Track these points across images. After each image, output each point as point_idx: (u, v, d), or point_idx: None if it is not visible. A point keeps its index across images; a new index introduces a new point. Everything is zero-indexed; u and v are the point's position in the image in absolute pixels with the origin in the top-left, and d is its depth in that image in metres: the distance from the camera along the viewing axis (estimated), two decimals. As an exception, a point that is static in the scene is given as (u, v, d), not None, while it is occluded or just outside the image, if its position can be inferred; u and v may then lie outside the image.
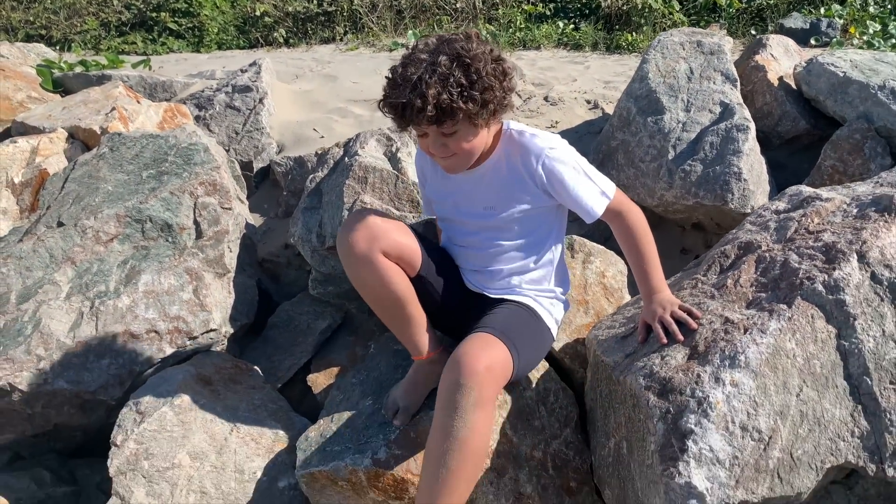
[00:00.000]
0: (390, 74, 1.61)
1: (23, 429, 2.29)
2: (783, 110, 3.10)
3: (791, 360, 1.58)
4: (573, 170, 1.74)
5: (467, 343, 1.63)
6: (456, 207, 1.87)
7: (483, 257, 1.87)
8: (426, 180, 1.98)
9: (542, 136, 1.77)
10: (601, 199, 1.76)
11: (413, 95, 1.53)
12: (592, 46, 5.62)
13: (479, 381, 1.53)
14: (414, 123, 1.59)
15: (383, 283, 1.72)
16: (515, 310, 1.84)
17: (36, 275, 2.29)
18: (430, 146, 1.67)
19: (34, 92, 3.76)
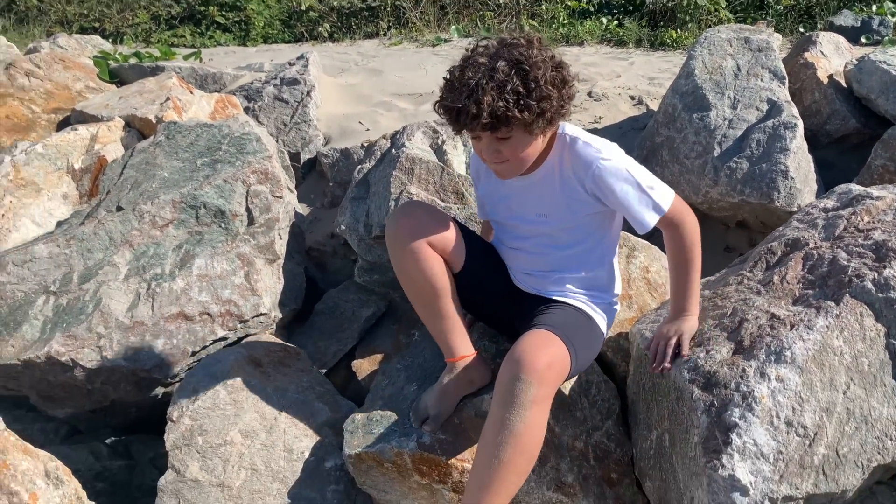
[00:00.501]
0: (448, 76, 1.61)
1: (82, 403, 2.40)
2: (832, 108, 3.07)
3: (838, 357, 1.58)
4: (625, 182, 1.67)
5: (528, 339, 1.64)
6: (509, 211, 1.87)
7: (534, 261, 1.89)
8: (480, 181, 1.98)
9: (596, 145, 1.70)
10: (653, 214, 1.68)
11: (469, 101, 1.52)
12: (636, 43, 5.59)
13: (539, 378, 1.55)
14: (468, 128, 1.59)
15: (424, 272, 1.77)
16: (571, 311, 1.84)
17: (96, 256, 2.39)
18: (483, 151, 1.67)
19: (92, 82, 3.89)
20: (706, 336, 1.76)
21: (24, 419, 2.51)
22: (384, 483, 1.90)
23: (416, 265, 1.76)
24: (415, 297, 1.85)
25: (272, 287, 2.48)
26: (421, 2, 6.86)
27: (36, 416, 2.53)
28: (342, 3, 7.15)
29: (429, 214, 1.80)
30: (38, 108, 3.55)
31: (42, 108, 3.55)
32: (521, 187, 1.80)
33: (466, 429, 1.86)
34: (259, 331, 2.46)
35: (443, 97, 1.61)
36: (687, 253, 1.74)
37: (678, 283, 1.79)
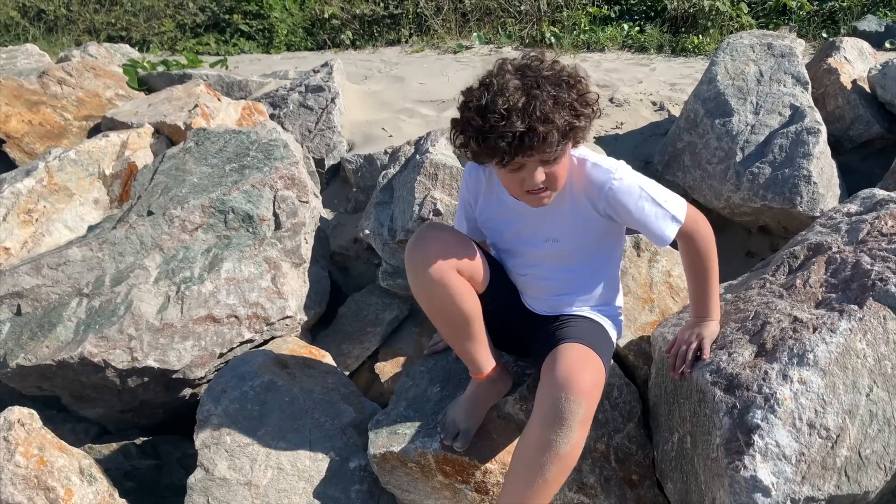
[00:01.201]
0: (478, 106, 1.48)
1: (112, 404, 2.46)
2: (856, 114, 3.06)
3: (861, 360, 1.59)
4: (640, 199, 1.66)
5: (566, 356, 1.61)
6: (517, 236, 1.81)
7: (544, 287, 1.86)
8: (477, 204, 1.87)
9: (605, 165, 1.67)
10: (672, 226, 1.68)
11: (533, 122, 1.44)
12: (657, 49, 5.59)
13: (587, 398, 1.54)
14: (528, 152, 1.48)
15: (455, 300, 1.69)
16: (589, 322, 1.84)
17: (128, 260, 2.45)
18: (525, 180, 1.56)
19: (121, 90, 3.98)
20: (728, 339, 1.77)
21: (54, 419, 2.58)
22: (408, 483, 1.93)
23: (446, 293, 1.68)
24: (441, 322, 1.78)
25: (298, 290, 2.53)
26: (443, 9, 6.91)
27: (67, 416, 2.60)
28: (364, 10, 7.22)
29: (455, 238, 1.73)
30: (70, 115, 3.64)
31: (74, 115, 3.65)
32: (529, 212, 1.73)
33: (489, 430, 1.88)
34: (285, 333, 2.51)
35: (484, 128, 1.46)
36: (704, 260, 1.75)
37: (697, 289, 1.80)
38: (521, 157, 1.50)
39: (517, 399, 1.94)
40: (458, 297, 1.70)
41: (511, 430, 1.90)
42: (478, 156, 1.55)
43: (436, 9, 6.94)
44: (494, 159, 1.52)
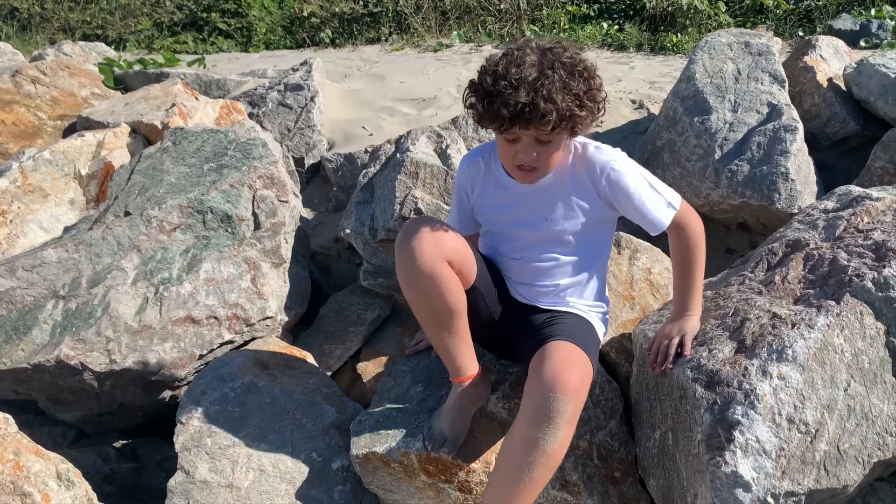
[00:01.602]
0: (493, 70, 1.57)
1: (90, 407, 2.42)
2: (832, 111, 3.10)
3: (839, 355, 1.61)
4: (638, 182, 1.73)
5: (553, 354, 1.62)
6: (513, 219, 1.84)
7: (536, 271, 1.87)
8: (474, 191, 1.92)
9: (605, 149, 1.76)
10: (668, 211, 1.74)
11: (537, 97, 1.50)
12: (637, 47, 5.62)
13: (574, 397, 1.54)
14: (529, 125, 1.55)
15: (444, 293, 1.68)
16: (577, 320, 1.85)
17: (105, 261, 2.42)
18: (518, 153, 1.64)
19: (97, 89, 3.92)
20: (709, 336, 1.78)
21: (32, 423, 2.54)
22: (391, 483, 1.93)
23: (436, 285, 1.67)
24: (428, 317, 1.76)
25: (278, 291, 2.51)
26: (422, 7, 6.90)
27: (44, 420, 2.56)
28: (344, 8, 7.19)
29: (445, 230, 1.72)
30: (45, 114, 3.58)
31: (48, 114, 3.59)
32: (528, 193, 1.80)
33: (472, 429, 1.88)
34: (265, 334, 2.49)
35: (492, 92, 1.55)
36: (693, 252, 1.79)
37: (682, 282, 1.82)
38: (518, 128, 1.57)
39: (500, 398, 1.94)
40: (446, 291, 1.69)
41: (494, 428, 1.90)
42: (481, 117, 1.61)
43: (416, 7, 6.93)
44: (494, 124, 1.59)
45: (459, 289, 1.72)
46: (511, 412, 1.91)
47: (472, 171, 1.91)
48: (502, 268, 1.93)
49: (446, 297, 1.70)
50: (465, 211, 1.98)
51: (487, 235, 1.96)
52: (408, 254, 1.67)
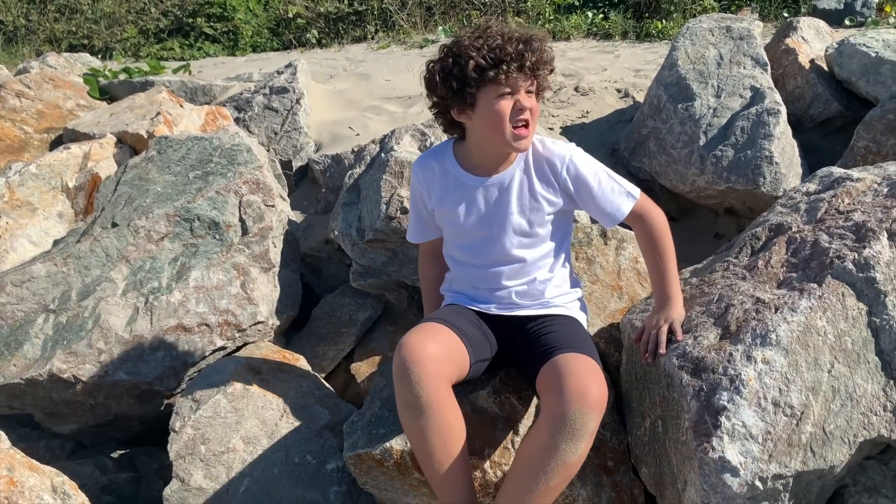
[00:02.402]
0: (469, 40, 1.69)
1: (86, 419, 2.43)
2: (815, 93, 3.10)
3: (822, 337, 1.62)
4: (597, 171, 1.81)
5: (571, 369, 1.61)
6: (479, 219, 1.85)
7: (510, 272, 1.87)
8: (432, 195, 1.90)
9: (561, 143, 1.85)
10: (627, 201, 1.80)
11: (530, 39, 1.68)
12: (622, 35, 5.62)
13: (598, 409, 1.56)
14: (525, 67, 1.67)
15: (449, 421, 1.66)
16: (568, 323, 1.87)
17: (94, 273, 2.43)
18: (519, 101, 1.70)
19: (82, 100, 3.92)
20: (694, 322, 1.79)
21: (28, 437, 2.55)
22: (385, 482, 1.94)
23: (444, 413, 1.64)
24: (426, 445, 1.67)
25: (268, 295, 2.52)
26: (407, 4, 6.90)
27: (41, 434, 2.57)
28: (329, 8, 7.19)
29: (438, 342, 1.69)
30: (30, 128, 3.58)
31: (34, 128, 3.59)
32: (490, 185, 1.83)
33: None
34: (257, 339, 2.50)
35: (492, 45, 1.66)
36: (662, 240, 1.82)
37: (658, 272, 1.84)
38: (519, 69, 1.66)
39: (490, 393, 1.94)
40: (452, 420, 1.66)
41: (485, 423, 1.91)
42: (482, 70, 1.66)
43: (400, 4, 6.92)
44: (502, 70, 1.65)
45: (460, 421, 1.69)
46: (502, 406, 1.92)
47: (425, 174, 1.91)
48: (473, 281, 1.91)
49: (451, 424, 1.67)
50: (422, 217, 1.98)
51: (455, 247, 1.93)
52: (411, 368, 1.62)
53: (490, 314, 1.90)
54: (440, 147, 1.95)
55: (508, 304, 1.89)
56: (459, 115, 1.78)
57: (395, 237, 2.48)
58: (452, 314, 1.85)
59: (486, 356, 1.87)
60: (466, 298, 1.93)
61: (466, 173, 1.86)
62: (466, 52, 1.68)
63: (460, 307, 1.91)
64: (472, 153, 1.86)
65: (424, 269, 2.10)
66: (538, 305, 1.89)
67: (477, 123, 1.76)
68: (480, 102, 1.72)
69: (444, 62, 1.73)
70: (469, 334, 1.80)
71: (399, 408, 1.68)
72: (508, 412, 1.92)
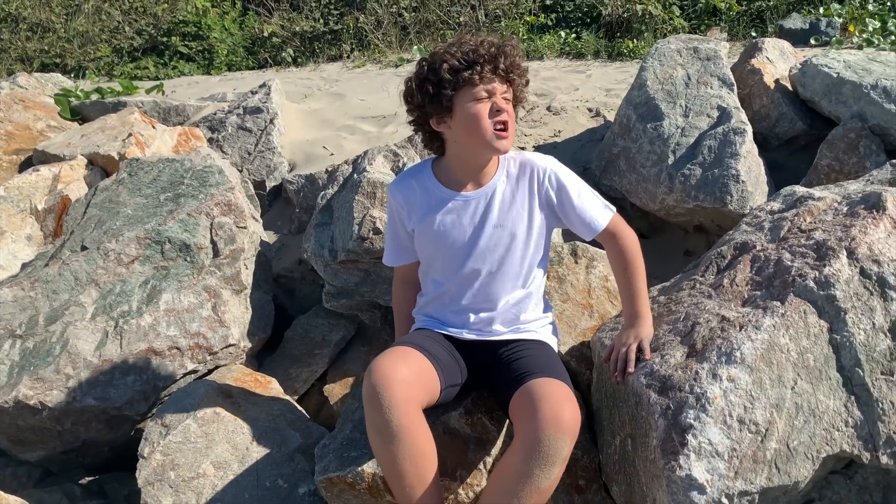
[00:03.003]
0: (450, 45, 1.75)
1: (53, 445, 2.39)
2: (780, 112, 3.17)
3: (785, 354, 1.64)
4: (577, 183, 1.86)
5: (544, 395, 1.61)
6: (460, 229, 1.84)
7: (482, 289, 1.86)
8: (412, 215, 1.89)
9: (540, 154, 1.89)
10: (605, 213, 1.85)
11: (504, 45, 1.74)
12: (594, 54, 5.70)
13: (572, 434, 1.57)
14: (499, 69, 1.71)
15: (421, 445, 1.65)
16: (541, 349, 1.87)
17: (62, 297, 2.40)
18: (495, 102, 1.73)
19: (53, 121, 3.89)
20: (661, 341, 1.81)
21: (-5, 464, 2.50)
22: (358, 505, 1.93)
23: (415, 437, 1.63)
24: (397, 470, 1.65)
25: (240, 317, 2.51)
26: (383, 23, 6.94)
27: (7, 461, 2.52)
28: (305, 27, 7.21)
29: (412, 373, 1.67)
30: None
31: (3, 149, 3.55)
32: (473, 199, 1.84)
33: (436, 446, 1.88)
34: (229, 361, 2.48)
35: (462, 50, 1.71)
36: (634, 258, 1.85)
37: (628, 290, 1.86)
38: (493, 70, 1.71)
39: (462, 413, 1.95)
40: (424, 444, 1.66)
41: (458, 444, 1.91)
42: (456, 71, 1.70)
43: (376, 23, 6.97)
44: (475, 70, 1.69)
45: (431, 445, 1.68)
46: (474, 427, 1.93)
47: (405, 193, 1.90)
48: (445, 302, 1.90)
49: (423, 449, 1.66)
50: (400, 239, 1.96)
51: (434, 267, 1.92)
52: (380, 395, 1.60)
53: (462, 339, 1.89)
54: (417, 167, 1.96)
55: (479, 328, 1.89)
56: (438, 125, 1.79)
57: (368, 257, 2.49)
58: (423, 338, 1.85)
59: (456, 381, 1.86)
60: (438, 323, 1.93)
61: (448, 189, 1.86)
62: (441, 58, 1.73)
63: (431, 332, 1.91)
64: (452, 167, 1.87)
65: (398, 296, 2.09)
66: (511, 331, 1.89)
67: (456, 130, 1.78)
68: (457, 107, 1.74)
69: (419, 71, 1.78)
70: (440, 359, 1.80)
71: (369, 432, 1.67)
72: (480, 433, 1.92)
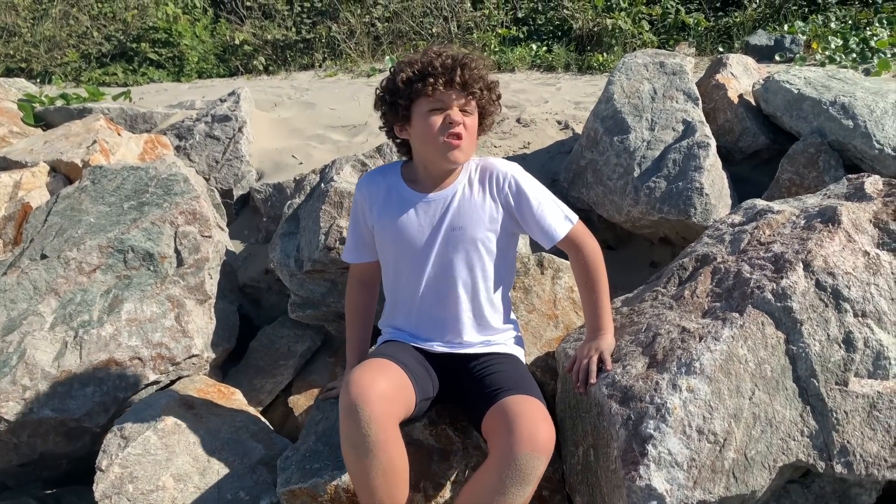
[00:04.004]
0: (415, 56, 1.78)
1: (9, 458, 2.34)
2: (743, 126, 3.23)
3: (743, 365, 1.67)
4: (538, 191, 1.87)
5: (519, 412, 1.61)
6: (420, 230, 1.85)
7: (445, 291, 1.86)
8: (373, 209, 1.90)
9: (505, 161, 1.90)
10: (565, 223, 1.85)
11: (465, 59, 1.75)
12: (565, 67, 5.76)
13: (547, 452, 1.57)
14: (458, 82, 1.73)
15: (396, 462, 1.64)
16: (511, 363, 1.87)
17: (20, 307, 2.35)
18: (448, 114, 1.75)
19: (16, 126, 3.82)
20: (623, 352, 1.83)
21: (-52, 478, 2.44)
22: (320, 518, 1.91)
23: (390, 453, 1.62)
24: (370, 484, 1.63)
25: (204, 328, 2.48)
26: (355, 33, 6.94)
27: (-39, 475, 2.46)
28: (276, 35, 7.18)
29: (390, 387, 1.66)
30: (-41, 156, 3.47)
31: (-37, 155, 3.47)
32: (434, 201, 1.85)
33: (401, 458, 1.88)
34: (192, 372, 2.45)
35: (424, 60, 1.75)
36: (596, 270, 1.86)
37: (591, 302, 1.87)
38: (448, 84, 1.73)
39: (426, 425, 1.94)
40: (399, 459, 1.65)
41: (422, 455, 1.90)
42: (410, 82, 1.74)
43: (349, 32, 6.97)
44: (429, 83, 1.72)
45: (404, 461, 1.68)
46: (438, 438, 1.92)
47: (370, 188, 1.93)
48: (411, 310, 1.90)
49: (397, 464, 1.65)
50: (361, 235, 1.97)
51: (395, 270, 1.92)
52: (359, 409, 1.58)
53: (432, 352, 1.90)
54: (388, 166, 1.99)
55: (449, 341, 1.89)
56: (400, 132, 1.85)
57: (334, 267, 2.48)
58: (398, 350, 1.85)
59: (429, 395, 1.86)
60: (408, 335, 1.93)
61: (409, 189, 1.88)
62: (400, 68, 1.79)
63: (403, 344, 1.90)
64: (418, 171, 1.89)
65: (352, 295, 2.06)
66: (481, 344, 1.90)
67: (414, 139, 1.83)
68: (414, 117, 1.78)
69: (383, 80, 1.83)
70: (415, 372, 1.80)
71: (343, 446, 1.64)
72: (444, 444, 1.92)
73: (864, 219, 1.92)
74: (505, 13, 6.86)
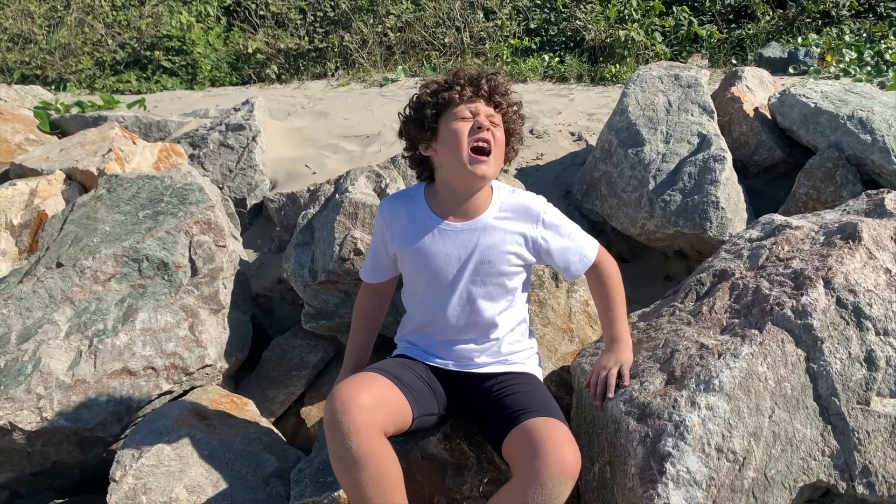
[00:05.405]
0: (441, 76, 1.83)
1: (22, 467, 2.34)
2: (759, 140, 3.21)
3: (763, 382, 1.65)
4: (568, 224, 1.89)
5: (546, 434, 1.59)
6: (448, 262, 1.82)
7: (467, 322, 1.85)
8: (394, 237, 1.88)
9: (533, 196, 1.90)
10: (592, 250, 1.89)
11: (490, 73, 1.80)
12: (577, 78, 5.76)
13: (573, 478, 1.56)
14: (487, 89, 1.78)
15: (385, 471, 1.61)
16: (530, 382, 1.86)
17: (36, 315, 2.36)
18: (477, 119, 1.76)
19: (32, 134, 3.85)
20: (640, 368, 1.82)
21: (-39, 486, 2.44)
22: (333, 531, 1.90)
23: (377, 463, 1.59)
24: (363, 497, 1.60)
25: (217, 337, 2.47)
26: (368, 43, 6.97)
27: (-26, 483, 2.46)
28: (289, 44, 7.21)
29: (375, 396, 1.64)
30: (-24, 163, 3.50)
31: (-20, 163, 3.50)
32: (463, 231, 1.82)
33: (414, 472, 1.86)
34: (205, 382, 2.44)
35: (451, 74, 1.79)
36: (615, 287, 1.88)
37: (609, 317, 1.88)
38: (476, 90, 1.77)
39: (441, 439, 1.93)
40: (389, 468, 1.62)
41: (435, 470, 1.89)
42: (437, 92, 1.77)
43: (361, 42, 6.99)
44: (456, 90, 1.75)
45: (396, 469, 1.65)
46: (452, 453, 1.91)
47: (393, 215, 1.90)
48: (428, 333, 1.90)
49: (388, 474, 1.62)
50: (379, 256, 1.96)
51: (415, 293, 1.92)
52: (343, 419, 1.56)
53: (447, 370, 1.88)
54: (411, 189, 1.95)
55: (466, 360, 1.88)
56: (426, 150, 1.82)
57: (348, 278, 2.47)
58: (396, 366, 1.83)
59: (432, 410, 1.84)
60: (421, 352, 1.92)
61: (435, 216, 1.85)
62: (425, 85, 1.81)
63: (409, 360, 1.89)
64: (441, 194, 1.86)
65: (362, 302, 2.06)
66: (498, 363, 1.88)
67: (441, 153, 1.79)
68: (441, 128, 1.78)
69: (409, 102, 1.85)
70: (412, 386, 1.78)
71: (331, 460, 1.63)
72: (459, 458, 1.91)
73: (885, 235, 1.90)
74: (517, 24, 6.87)
